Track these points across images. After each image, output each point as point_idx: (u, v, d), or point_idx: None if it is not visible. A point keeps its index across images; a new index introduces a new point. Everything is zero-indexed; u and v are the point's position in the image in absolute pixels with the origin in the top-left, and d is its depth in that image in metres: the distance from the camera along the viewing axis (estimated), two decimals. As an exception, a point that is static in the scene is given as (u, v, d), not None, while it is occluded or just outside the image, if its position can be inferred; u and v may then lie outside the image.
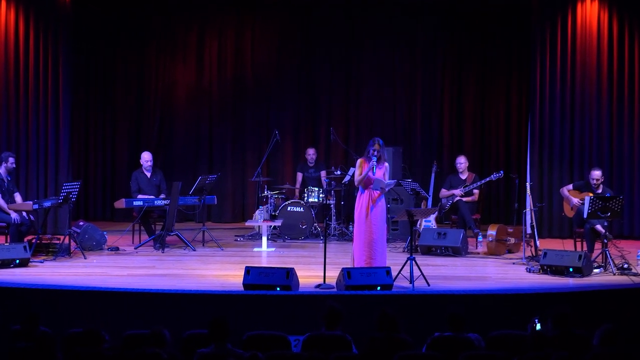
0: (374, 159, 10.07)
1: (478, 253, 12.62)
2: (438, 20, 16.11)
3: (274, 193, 14.13)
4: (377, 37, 16.26)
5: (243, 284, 9.42)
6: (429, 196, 13.31)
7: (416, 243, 12.36)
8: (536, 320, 7.30)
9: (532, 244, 12.00)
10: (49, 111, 14.16)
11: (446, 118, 16.26)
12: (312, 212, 13.98)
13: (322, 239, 12.54)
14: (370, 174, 10.06)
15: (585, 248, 11.66)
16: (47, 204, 12.17)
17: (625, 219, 13.80)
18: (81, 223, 12.89)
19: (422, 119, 16.24)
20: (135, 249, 12.76)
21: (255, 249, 12.98)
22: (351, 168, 13.51)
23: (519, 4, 15.13)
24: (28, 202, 12.31)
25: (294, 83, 16.47)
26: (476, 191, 13.49)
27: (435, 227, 13.02)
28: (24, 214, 12.05)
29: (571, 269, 10.53)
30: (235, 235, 14.30)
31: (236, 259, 12.05)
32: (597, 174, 11.89)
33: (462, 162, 13.71)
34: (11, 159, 12.30)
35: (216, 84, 16.52)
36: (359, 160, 10.21)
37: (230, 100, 16.52)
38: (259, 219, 13.55)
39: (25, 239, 11.80)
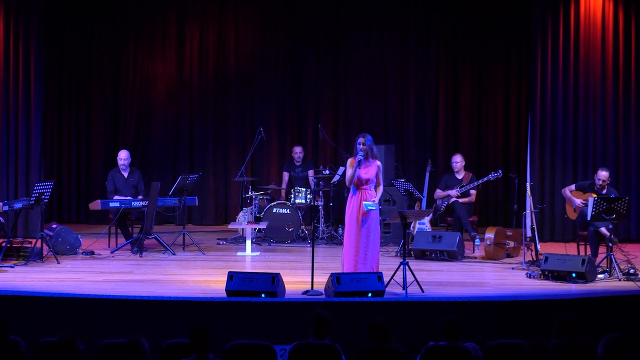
0: (360, 153, 10.09)
1: (475, 257, 12.65)
2: (432, 8, 16.09)
3: (258, 194, 14.13)
4: (367, 27, 16.23)
5: (226, 290, 9.42)
6: (423, 197, 13.32)
7: (409, 247, 12.37)
8: None
9: (533, 247, 12.01)
10: (20, 106, 14.13)
11: (441, 114, 16.25)
12: (299, 214, 13.98)
13: (309, 243, 12.56)
14: (362, 173, 10.07)
15: (588, 252, 11.70)
16: (17, 205, 12.14)
17: (632, 221, 13.85)
18: (54, 226, 12.87)
19: (416, 114, 16.23)
20: (111, 253, 12.74)
21: (239, 253, 12.97)
22: (340, 167, 13.48)
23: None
24: (-3, 203, 12.31)
25: (279, 77, 16.46)
26: (473, 192, 13.50)
27: (429, 230, 13.05)
28: (-7, 215, 12.05)
29: (574, 275, 10.54)
30: (218, 239, 14.31)
31: (218, 263, 12.07)
32: (604, 174, 11.84)
33: (458, 160, 13.71)
34: (-21, 158, 12.31)
35: (197, 78, 16.50)
36: (349, 160, 10.20)
37: (212, 95, 16.51)
38: (243, 221, 13.57)
39: (-6, 243, 11.80)
